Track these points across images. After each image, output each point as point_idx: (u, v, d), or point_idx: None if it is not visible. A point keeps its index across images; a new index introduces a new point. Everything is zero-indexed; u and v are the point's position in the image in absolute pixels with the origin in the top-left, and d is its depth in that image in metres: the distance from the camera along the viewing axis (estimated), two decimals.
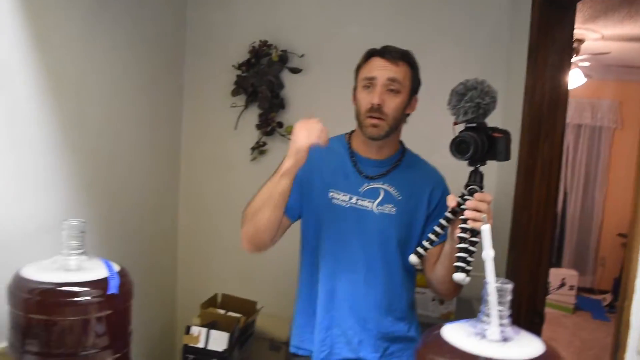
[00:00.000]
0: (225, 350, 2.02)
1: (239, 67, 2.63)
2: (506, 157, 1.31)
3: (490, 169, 2.41)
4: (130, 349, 1.41)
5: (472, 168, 1.31)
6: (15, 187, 1.57)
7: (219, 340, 2.03)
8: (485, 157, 1.30)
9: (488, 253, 1.05)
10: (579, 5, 2.05)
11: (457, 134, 1.29)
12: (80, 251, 1.34)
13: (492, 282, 1.01)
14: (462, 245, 1.26)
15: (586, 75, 4.54)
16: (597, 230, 5.94)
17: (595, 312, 5.26)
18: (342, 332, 1.54)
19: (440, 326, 1.09)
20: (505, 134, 1.32)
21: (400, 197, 1.53)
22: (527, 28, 2.13)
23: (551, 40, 2.04)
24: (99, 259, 1.39)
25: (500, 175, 2.44)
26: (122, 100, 2.18)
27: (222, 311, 2.27)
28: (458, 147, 1.27)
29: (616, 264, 5.70)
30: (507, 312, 1.02)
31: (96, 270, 1.34)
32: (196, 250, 2.87)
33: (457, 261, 1.26)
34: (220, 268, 2.81)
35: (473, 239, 1.26)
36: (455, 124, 1.32)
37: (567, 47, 2.08)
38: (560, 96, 2.06)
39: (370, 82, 1.47)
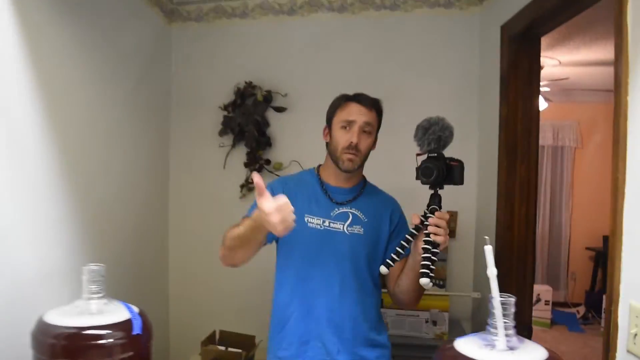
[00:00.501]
0: None
1: (225, 107, 2.72)
2: (461, 182, 1.52)
3: (470, 193, 2.56)
4: None
5: (432, 191, 1.53)
6: (17, 233, 1.60)
7: None
8: (443, 182, 1.52)
9: (492, 271, 1.15)
10: None
11: (419, 162, 1.52)
12: (100, 295, 1.38)
13: (496, 297, 1.12)
14: (426, 255, 1.46)
15: (547, 100, 4.79)
16: (566, 246, 6.16)
17: (570, 325, 5.41)
18: (322, 344, 1.68)
19: (451, 341, 1.19)
20: (460, 163, 1.53)
21: (366, 219, 1.73)
22: (497, 60, 2.29)
23: (520, 71, 2.20)
24: (118, 301, 1.43)
25: (480, 198, 2.58)
26: (112, 144, 2.22)
27: (222, 347, 2.30)
28: (424, 172, 1.49)
29: (586, 276, 5.91)
30: (511, 323, 1.13)
31: (117, 312, 1.37)
32: (188, 288, 2.90)
33: (423, 268, 1.45)
34: (213, 305, 2.84)
35: (435, 250, 1.47)
36: (418, 154, 1.53)
37: (535, 76, 2.25)
38: (532, 121, 2.22)
39: (348, 124, 1.68)
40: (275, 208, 1.36)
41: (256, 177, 1.38)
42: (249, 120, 2.68)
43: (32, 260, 1.64)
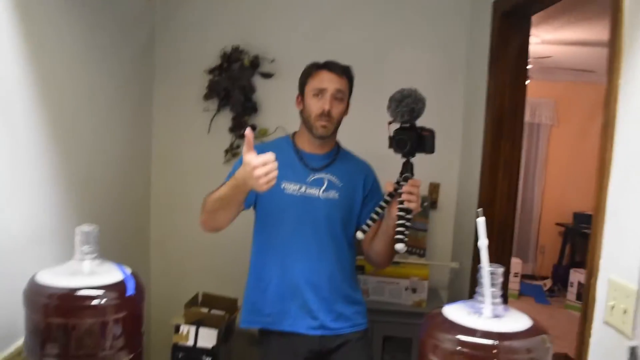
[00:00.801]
0: (215, 346, 2.09)
1: (211, 71, 2.69)
2: (431, 150, 1.59)
3: (453, 166, 2.60)
4: (143, 349, 1.46)
5: (404, 160, 1.59)
6: (6, 194, 1.58)
7: (208, 337, 2.10)
8: (415, 150, 1.58)
9: (482, 242, 1.19)
10: None
11: (391, 132, 1.58)
12: (93, 255, 1.39)
13: (485, 267, 1.17)
14: (400, 222, 1.54)
15: (529, 77, 4.83)
16: (537, 221, 6.32)
17: (537, 296, 5.61)
18: (302, 303, 1.78)
19: (440, 307, 1.23)
20: (432, 132, 1.59)
21: (341, 184, 1.81)
22: (487, 36, 2.31)
23: (510, 48, 2.23)
24: (111, 262, 1.44)
25: (462, 171, 2.63)
26: (95, 105, 2.19)
27: (205, 310, 2.33)
28: (398, 144, 1.56)
29: (555, 251, 6.10)
30: (499, 292, 1.17)
31: (110, 273, 1.38)
32: (170, 251, 2.91)
33: (397, 234, 1.53)
34: (196, 268, 2.87)
35: (408, 216, 1.55)
36: (390, 123, 1.59)
37: (524, 54, 2.28)
38: (519, 99, 2.26)
39: (320, 92, 1.74)
40: (261, 162, 1.42)
41: (248, 131, 1.44)
42: (235, 85, 2.66)
43: (22, 221, 1.63)
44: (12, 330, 1.47)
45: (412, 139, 1.54)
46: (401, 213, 1.54)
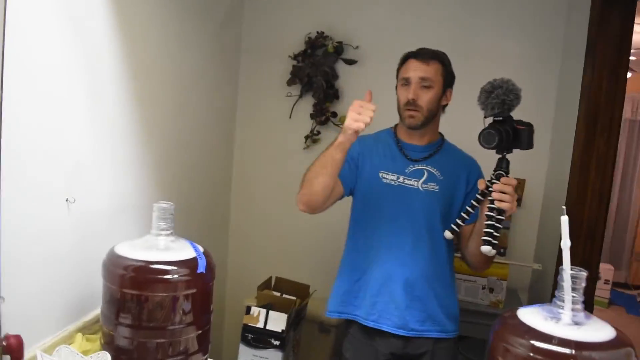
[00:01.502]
0: (283, 330, 2.11)
1: (295, 57, 2.70)
2: (528, 146, 1.48)
3: (541, 161, 2.47)
4: (211, 326, 1.49)
5: (499, 155, 1.49)
6: (98, 170, 1.66)
7: (277, 321, 2.12)
8: (510, 146, 1.48)
9: (565, 242, 1.12)
10: None
11: (486, 125, 1.48)
12: (168, 232, 1.42)
13: (567, 270, 1.09)
14: (489, 222, 1.46)
15: (630, 70, 4.50)
16: (633, 225, 5.90)
17: (629, 307, 5.25)
18: (391, 299, 1.71)
19: (514, 309, 1.16)
20: (528, 126, 1.48)
21: (442, 177, 1.74)
22: (585, 21, 2.15)
23: (610, 35, 2.06)
24: (184, 240, 1.47)
25: (551, 167, 2.48)
26: (185, 87, 2.24)
27: (277, 293, 2.35)
28: (486, 139, 1.46)
29: None
30: (580, 298, 1.09)
31: (184, 250, 1.41)
32: (247, 234, 2.97)
33: (485, 236, 1.45)
34: (271, 252, 2.91)
35: (499, 217, 1.46)
36: (485, 117, 1.50)
37: (626, 43, 2.10)
38: (617, 92, 2.10)
39: (406, 81, 1.71)
40: (359, 103, 1.51)
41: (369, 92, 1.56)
42: (318, 71, 2.65)
43: (107, 194, 1.71)
44: (92, 299, 1.55)
45: (502, 134, 1.44)
46: (490, 213, 1.47)
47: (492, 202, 1.47)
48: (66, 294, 1.51)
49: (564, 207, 1.11)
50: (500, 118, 1.47)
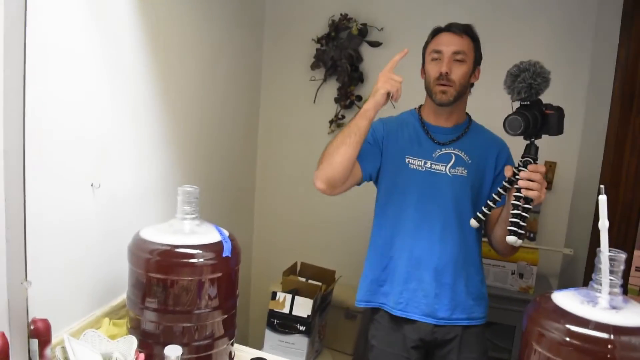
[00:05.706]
0: (309, 316, 2.10)
1: (319, 40, 2.66)
2: (558, 131, 1.42)
3: (573, 143, 2.39)
4: (237, 311, 1.48)
5: (527, 142, 1.44)
6: (122, 154, 1.66)
7: (303, 307, 2.11)
8: (539, 131, 1.42)
9: (604, 223, 1.06)
10: None
11: (514, 109, 1.42)
12: (193, 216, 1.42)
13: (605, 252, 1.04)
14: (515, 211, 1.41)
15: None
16: None
17: None
18: (419, 287, 1.68)
19: (549, 293, 1.12)
20: (558, 110, 1.41)
21: (470, 161, 1.68)
22: None
23: None
24: (210, 224, 1.46)
25: (582, 149, 2.41)
26: (209, 71, 2.23)
27: (302, 279, 2.34)
28: (511, 125, 1.39)
29: None
30: (618, 281, 1.04)
31: (209, 234, 1.41)
32: (272, 219, 2.96)
33: (511, 225, 1.41)
34: (297, 238, 2.90)
35: (526, 205, 1.40)
36: (513, 101, 1.44)
37: None
38: None
39: (438, 55, 1.63)
40: (390, 69, 1.55)
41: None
42: (342, 54, 2.60)
43: (132, 178, 1.71)
44: (119, 284, 1.55)
45: (528, 119, 1.37)
46: (517, 202, 1.41)
47: (518, 190, 1.42)
48: (92, 279, 1.52)
49: (602, 186, 1.06)
50: (528, 102, 1.41)
